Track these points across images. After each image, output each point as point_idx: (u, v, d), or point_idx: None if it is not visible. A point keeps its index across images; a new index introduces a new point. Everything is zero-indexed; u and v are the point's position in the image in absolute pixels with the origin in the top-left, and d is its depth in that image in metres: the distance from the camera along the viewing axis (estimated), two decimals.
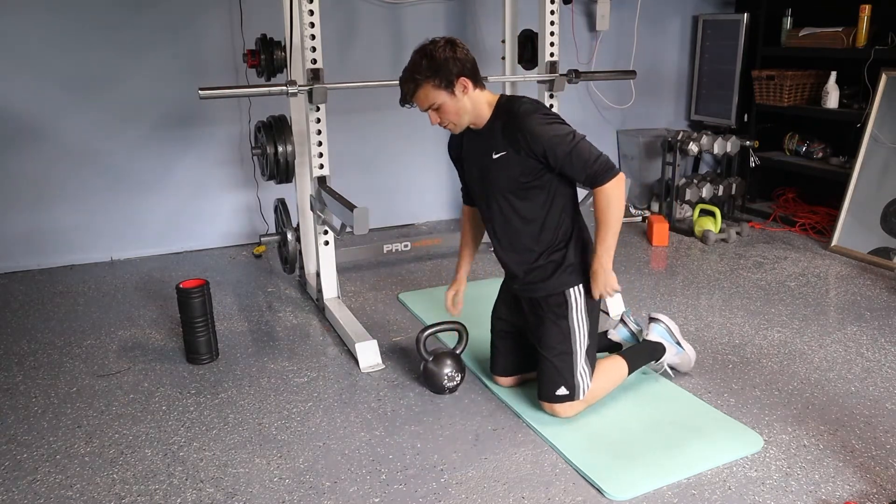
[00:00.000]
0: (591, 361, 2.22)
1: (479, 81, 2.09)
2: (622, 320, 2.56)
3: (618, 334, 2.55)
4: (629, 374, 2.32)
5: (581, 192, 3.28)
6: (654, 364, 2.42)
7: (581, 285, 2.16)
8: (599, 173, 2.01)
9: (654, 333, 2.43)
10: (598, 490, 1.90)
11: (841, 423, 2.19)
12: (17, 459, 2.08)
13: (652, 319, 2.47)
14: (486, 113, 2.11)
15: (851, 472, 1.95)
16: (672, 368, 2.46)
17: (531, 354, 2.26)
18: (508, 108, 2.09)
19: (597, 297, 2.16)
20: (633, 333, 2.53)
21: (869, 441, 2.09)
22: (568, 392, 2.16)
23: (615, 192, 2.03)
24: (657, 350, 2.41)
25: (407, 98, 2.10)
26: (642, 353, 2.39)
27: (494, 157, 2.10)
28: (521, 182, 2.08)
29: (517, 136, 2.03)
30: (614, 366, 2.29)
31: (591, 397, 2.21)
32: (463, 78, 2.03)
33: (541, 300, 2.18)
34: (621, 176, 2.03)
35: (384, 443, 2.13)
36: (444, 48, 2.02)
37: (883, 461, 2.00)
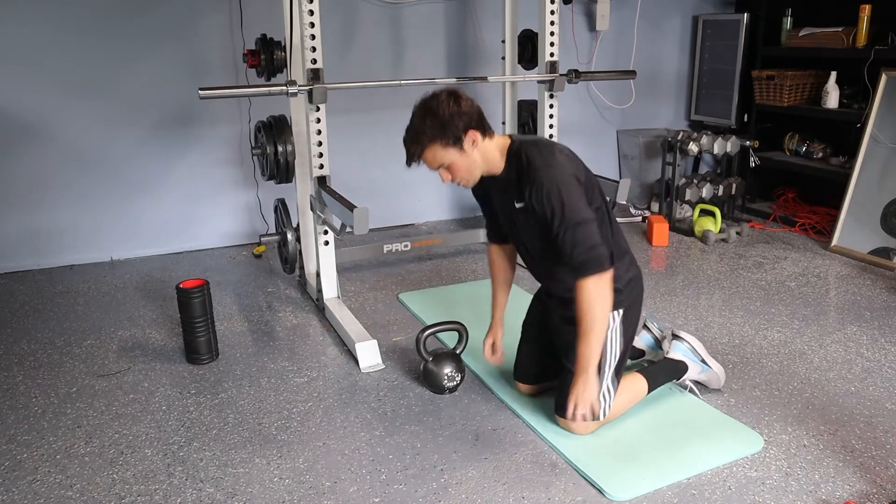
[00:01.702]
0: (617, 382, 2.15)
1: (487, 130, 1.99)
2: (645, 326, 2.52)
3: (642, 341, 2.51)
4: (649, 392, 2.24)
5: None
6: (677, 381, 2.35)
7: (622, 310, 2.11)
8: (586, 263, 1.90)
9: (676, 351, 2.35)
10: (599, 490, 1.90)
11: (841, 423, 2.19)
12: (17, 459, 2.08)
13: (675, 337, 2.40)
14: (499, 161, 2.02)
15: (851, 472, 1.95)
16: (699, 383, 2.38)
17: (553, 363, 2.21)
18: (520, 158, 1.98)
19: (569, 414, 2.00)
20: (656, 339, 2.50)
21: (869, 441, 2.09)
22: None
23: (596, 291, 1.90)
24: (679, 369, 2.32)
25: (413, 158, 1.99)
26: (663, 372, 2.31)
27: (517, 206, 2.03)
28: (547, 229, 1.99)
29: (529, 194, 1.95)
30: (634, 384, 2.21)
31: (608, 415, 2.15)
32: (471, 131, 1.94)
33: (576, 319, 2.11)
34: (607, 276, 1.91)
35: (384, 443, 2.13)
36: (447, 103, 1.92)
37: (883, 461, 2.00)
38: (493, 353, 2.38)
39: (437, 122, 1.91)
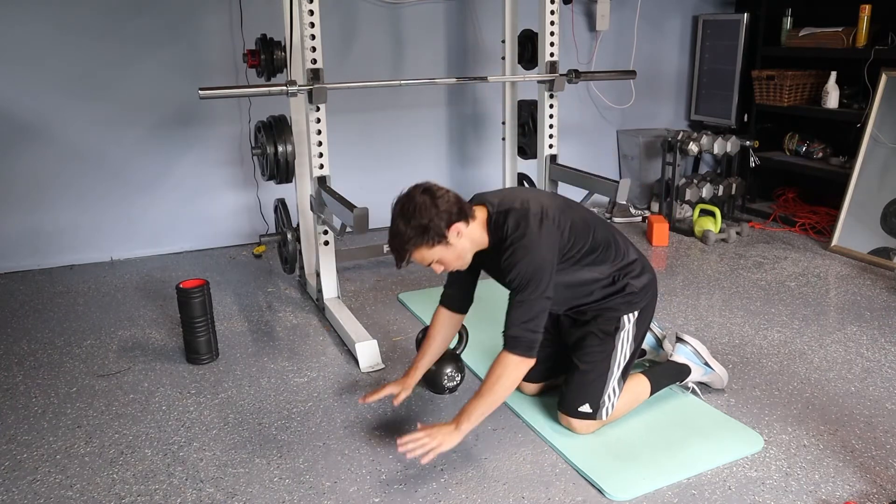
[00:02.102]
0: (623, 383, 2.16)
1: (468, 214, 1.95)
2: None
3: (644, 342, 2.52)
4: (651, 394, 2.26)
5: (581, 193, 3.27)
6: (680, 384, 2.37)
7: (637, 312, 2.14)
8: (518, 340, 1.90)
9: (680, 355, 2.37)
10: (599, 490, 1.90)
11: (841, 423, 2.19)
12: (17, 459, 2.08)
13: (679, 340, 2.41)
14: (483, 237, 2.01)
15: (851, 472, 1.96)
16: (701, 384, 2.39)
17: (560, 362, 2.23)
18: (499, 229, 1.97)
19: (403, 440, 1.86)
20: (657, 339, 2.52)
21: (869, 441, 2.09)
22: (591, 410, 2.11)
23: (511, 370, 1.91)
24: (682, 372, 2.34)
25: (402, 262, 1.96)
26: (667, 375, 2.33)
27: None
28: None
29: (503, 260, 1.95)
30: (638, 386, 2.23)
31: (611, 416, 2.16)
32: (454, 225, 1.91)
33: (590, 320, 2.15)
34: (527, 362, 1.92)
35: (384, 443, 2.13)
36: (423, 206, 1.87)
37: (883, 461, 2.00)
38: (372, 395, 2.17)
39: (418, 226, 1.87)
